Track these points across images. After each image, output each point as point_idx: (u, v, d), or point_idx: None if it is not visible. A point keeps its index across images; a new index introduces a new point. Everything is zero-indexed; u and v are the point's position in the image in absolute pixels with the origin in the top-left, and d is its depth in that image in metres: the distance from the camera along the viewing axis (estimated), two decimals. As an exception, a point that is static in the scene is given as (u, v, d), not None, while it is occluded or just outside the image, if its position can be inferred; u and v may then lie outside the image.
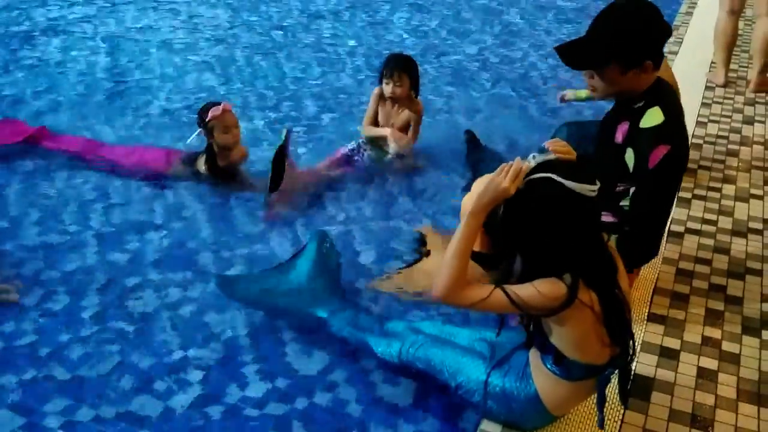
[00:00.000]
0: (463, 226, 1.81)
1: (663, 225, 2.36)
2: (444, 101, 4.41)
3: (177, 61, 4.88)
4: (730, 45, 4.42)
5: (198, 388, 2.23)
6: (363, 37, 5.47)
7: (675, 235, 2.94)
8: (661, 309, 2.52)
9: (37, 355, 2.35)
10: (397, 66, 3.46)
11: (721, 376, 2.24)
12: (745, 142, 3.81)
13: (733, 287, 2.66)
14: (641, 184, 2.20)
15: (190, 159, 3.42)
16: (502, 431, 2.01)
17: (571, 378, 1.84)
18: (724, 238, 2.96)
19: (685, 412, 2.11)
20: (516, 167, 1.75)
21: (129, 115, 4.09)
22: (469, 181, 3.43)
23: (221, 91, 4.45)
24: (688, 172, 3.42)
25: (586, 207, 1.70)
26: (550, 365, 1.86)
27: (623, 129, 2.26)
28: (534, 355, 1.93)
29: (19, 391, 2.20)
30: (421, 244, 2.97)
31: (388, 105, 3.61)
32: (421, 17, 5.94)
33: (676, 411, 2.11)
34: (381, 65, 3.57)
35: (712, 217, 3.10)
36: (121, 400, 2.18)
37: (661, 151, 2.13)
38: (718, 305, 2.56)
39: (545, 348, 1.85)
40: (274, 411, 2.16)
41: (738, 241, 2.93)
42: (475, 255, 1.93)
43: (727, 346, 2.37)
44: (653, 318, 2.48)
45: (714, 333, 2.42)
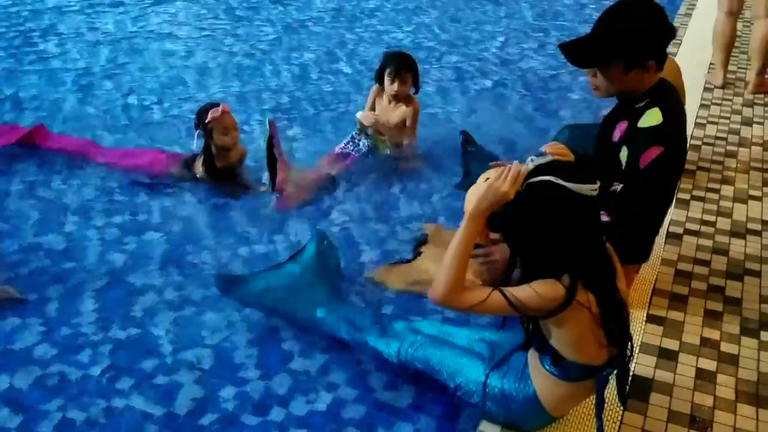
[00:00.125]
0: (462, 230, 1.80)
1: (651, 227, 2.34)
2: (442, 101, 4.41)
3: (176, 61, 4.88)
4: (729, 46, 4.42)
5: (196, 388, 2.23)
6: (362, 36, 5.47)
7: (674, 236, 2.95)
8: (660, 310, 2.53)
9: (35, 355, 2.35)
10: (401, 65, 3.48)
11: (720, 377, 2.25)
12: (743, 143, 3.81)
13: (732, 288, 2.66)
14: (630, 184, 2.19)
15: (188, 161, 3.42)
16: (501, 432, 2.01)
17: (570, 379, 1.84)
18: (723, 239, 2.96)
19: (683, 413, 2.11)
20: (515, 171, 1.74)
21: (128, 115, 4.09)
22: (461, 179, 3.45)
23: (219, 91, 4.45)
24: (687, 173, 3.43)
25: (587, 207, 1.70)
26: (548, 366, 1.86)
27: (621, 128, 2.26)
28: (532, 356, 1.93)
29: (19, 391, 2.20)
30: (421, 243, 2.97)
31: (384, 102, 3.62)
32: (421, 17, 5.94)
33: (674, 412, 2.11)
34: (381, 63, 3.57)
35: (711, 218, 3.10)
36: (118, 401, 2.18)
37: (654, 152, 2.12)
38: (717, 306, 2.56)
39: (543, 349, 1.85)
40: (272, 411, 2.16)
41: (737, 242, 2.94)
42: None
43: (726, 347, 2.37)
44: (652, 319, 2.48)
45: (713, 334, 2.42)
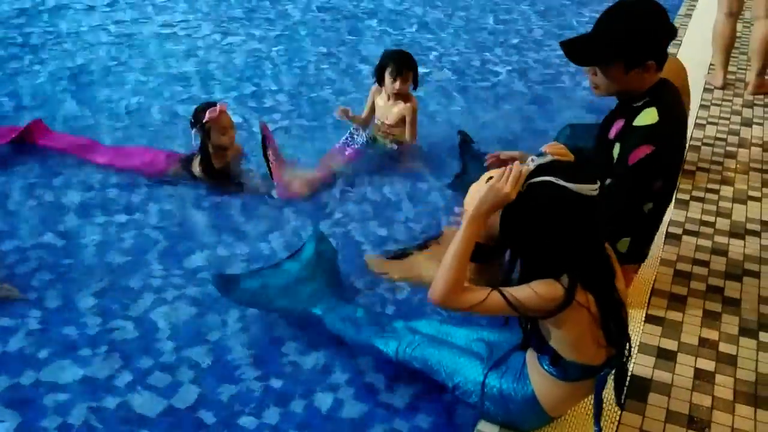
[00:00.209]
0: (463, 231, 1.80)
1: (649, 227, 2.33)
2: (442, 102, 4.41)
3: (175, 60, 4.87)
4: (729, 47, 4.42)
5: (194, 388, 2.23)
6: (362, 36, 5.47)
7: (673, 237, 2.95)
8: (659, 310, 2.52)
9: (34, 354, 2.34)
10: (402, 63, 3.53)
11: (719, 378, 2.25)
12: (743, 143, 3.81)
13: (731, 289, 2.66)
14: (617, 180, 2.18)
15: (186, 160, 3.42)
16: (500, 432, 2.01)
17: (568, 379, 1.84)
18: (722, 239, 2.96)
19: (682, 413, 2.11)
20: (516, 172, 1.74)
21: (126, 115, 4.08)
22: (454, 179, 3.45)
23: (219, 91, 4.44)
24: (687, 173, 3.43)
25: (588, 207, 1.70)
26: (547, 366, 1.86)
27: (618, 126, 2.26)
28: (531, 356, 1.93)
29: (18, 390, 2.20)
30: (425, 245, 2.95)
31: (383, 99, 3.66)
32: (421, 17, 5.93)
33: (672, 412, 2.11)
34: (381, 62, 3.58)
35: (710, 218, 3.10)
36: (118, 400, 2.18)
37: (644, 150, 2.11)
38: (716, 307, 2.56)
39: (542, 349, 1.85)
40: (270, 411, 2.16)
41: (736, 243, 2.94)
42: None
43: (725, 348, 2.37)
44: (651, 319, 2.48)
45: (711, 334, 2.42)
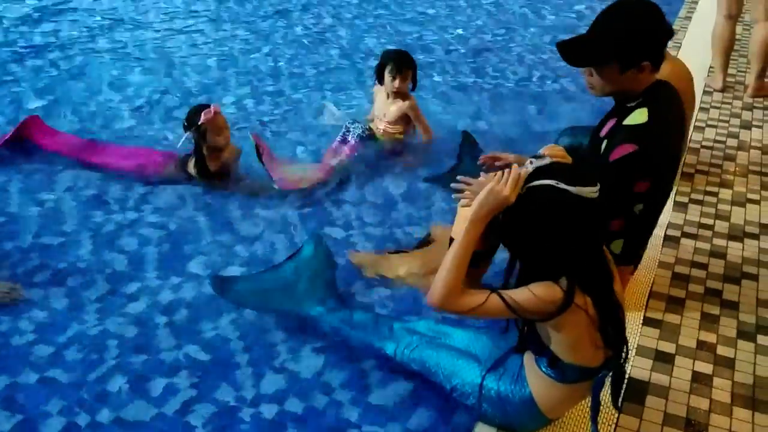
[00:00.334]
0: (462, 234, 1.80)
1: (643, 230, 2.32)
2: (442, 102, 4.41)
3: (174, 60, 4.87)
4: (728, 50, 4.42)
5: (192, 390, 2.23)
6: (362, 36, 5.47)
7: (671, 239, 2.95)
8: (657, 313, 2.53)
9: (33, 355, 2.34)
10: (402, 62, 3.59)
11: (716, 381, 2.25)
12: (742, 146, 3.82)
13: (729, 292, 2.66)
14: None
15: (183, 161, 3.41)
16: (497, 434, 2.01)
17: (566, 380, 1.84)
18: (721, 242, 2.96)
19: (679, 416, 2.11)
20: (515, 174, 1.74)
21: (125, 115, 4.08)
22: (444, 173, 3.46)
23: (218, 90, 4.45)
24: (685, 176, 3.43)
25: (588, 210, 1.70)
26: (544, 368, 1.86)
27: (610, 124, 2.26)
28: (528, 358, 1.93)
29: (17, 390, 2.20)
30: (423, 243, 2.95)
31: (382, 98, 3.72)
32: (421, 17, 5.94)
33: (670, 415, 2.11)
34: (381, 61, 3.63)
35: (709, 221, 3.10)
36: (116, 401, 2.18)
37: (626, 149, 2.09)
38: (714, 309, 2.56)
39: (540, 351, 1.86)
40: (268, 412, 2.16)
41: (734, 246, 2.94)
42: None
43: (722, 351, 2.37)
44: (648, 322, 2.48)
45: (709, 337, 2.43)
